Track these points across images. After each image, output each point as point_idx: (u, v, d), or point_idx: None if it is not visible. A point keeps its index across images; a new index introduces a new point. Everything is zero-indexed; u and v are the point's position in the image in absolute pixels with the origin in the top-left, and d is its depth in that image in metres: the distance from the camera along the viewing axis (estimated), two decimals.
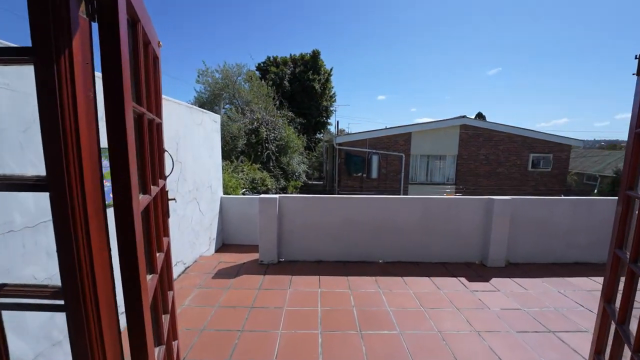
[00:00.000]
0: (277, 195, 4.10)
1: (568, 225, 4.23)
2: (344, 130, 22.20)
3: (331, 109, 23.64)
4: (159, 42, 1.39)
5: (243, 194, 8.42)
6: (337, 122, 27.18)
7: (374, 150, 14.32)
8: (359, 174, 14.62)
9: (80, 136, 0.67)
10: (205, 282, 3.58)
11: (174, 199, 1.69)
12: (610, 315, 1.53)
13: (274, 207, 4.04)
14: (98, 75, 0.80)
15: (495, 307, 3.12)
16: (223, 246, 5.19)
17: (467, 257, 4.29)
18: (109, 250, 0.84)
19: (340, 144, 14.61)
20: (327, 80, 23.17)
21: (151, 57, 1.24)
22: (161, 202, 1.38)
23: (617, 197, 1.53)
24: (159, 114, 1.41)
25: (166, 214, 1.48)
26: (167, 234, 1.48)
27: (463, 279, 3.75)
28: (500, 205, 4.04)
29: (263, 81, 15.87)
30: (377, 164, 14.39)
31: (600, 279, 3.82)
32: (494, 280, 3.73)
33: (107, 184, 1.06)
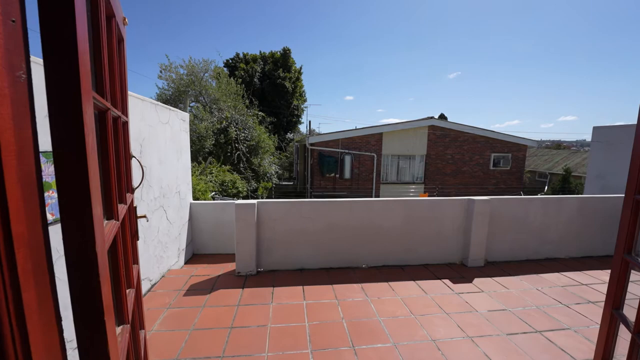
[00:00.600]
0: (255, 201, 3.80)
1: (540, 223, 4.41)
2: (314, 130, 22.09)
3: (303, 106, 23.40)
4: (124, 19, 1.09)
5: (213, 198, 7.90)
6: (310, 121, 27.03)
7: (347, 151, 14.33)
8: (332, 175, 14.56)
9: (1, 138, 0.41)
10: (176, 301, 3.20)
11: (144, 217, 1.38)
12: (622, 322, 1.49)
13: (252, 213, 3.74)
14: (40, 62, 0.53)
15: (482, 309, 3.11)
16: (194, 257, 4.76)
17: (448, 258, 4.30)
18: (56, 307, 0.57)
19: (313, 144, 14.43)
20: (298, 78, 22.89)
21: (115, 35, 0.95)
22: (129, 223, 1.08)
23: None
24: (125, 110, 1.11)
25: (135, 235, 1.18)
26: (136, 261, 1.18)
27: (447, 281, 3.73)
28: (480, 205, 4.09)
29: (232, 78, 15.19)
30: (350, 164, 14.43)
31: (571, 274, 4.02)
32: (476, 281, 3.76)
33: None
